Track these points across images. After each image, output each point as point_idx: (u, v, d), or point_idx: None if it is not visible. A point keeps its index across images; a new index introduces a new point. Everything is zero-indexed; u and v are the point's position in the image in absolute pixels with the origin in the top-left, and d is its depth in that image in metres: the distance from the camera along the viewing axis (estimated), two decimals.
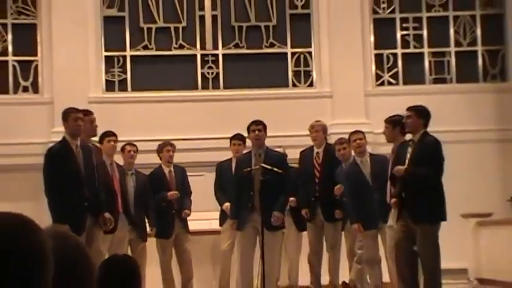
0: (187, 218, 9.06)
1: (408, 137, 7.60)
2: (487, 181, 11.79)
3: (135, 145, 9.04)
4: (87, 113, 7.83)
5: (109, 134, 8.55)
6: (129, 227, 8.50)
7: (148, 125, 11.51)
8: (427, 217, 7.06)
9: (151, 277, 8.76)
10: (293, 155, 9.81)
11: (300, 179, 9.02)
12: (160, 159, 9.22)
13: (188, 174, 9.36)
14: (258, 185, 7.90)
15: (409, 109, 7.39)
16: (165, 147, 9.18)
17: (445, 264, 10.57)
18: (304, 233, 9.26)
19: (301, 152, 9.30)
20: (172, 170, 9.19)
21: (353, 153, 8.65)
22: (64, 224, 6.49)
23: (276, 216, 7.88)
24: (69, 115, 7.37)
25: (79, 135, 7.36)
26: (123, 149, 8.98)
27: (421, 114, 7.32)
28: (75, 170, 7.22)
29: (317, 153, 9.10)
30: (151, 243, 8.97)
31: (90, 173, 7.34)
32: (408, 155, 7.23)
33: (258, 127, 8.07)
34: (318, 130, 9.16)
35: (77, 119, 7.32)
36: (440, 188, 7.20)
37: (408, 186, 7.12)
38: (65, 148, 7.29)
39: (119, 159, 8.84)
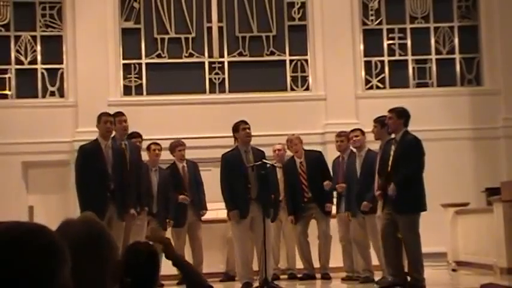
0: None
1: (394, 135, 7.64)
2: (464, 174, 11.90)
3: (159, 144, 9.12)
4: (118, 114, 7.97)
5: (135, 136, 8.64)
6: (149, 217, 8.60)
7: (161, 125, 11.58)
8: (408, 208, 7.13)
9: (167, 263, 8.84)
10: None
11: (288, 188, 9.15)
12: (174, 156, 9.33)
13: None
14: (255, 179, 7.95)
15: (390, 111, 7.46)
16: (178, 147, 9.31)
17: (427, 248, 10.66)
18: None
19: (285, 163, 9.33)
20: (186, 165, 9.32)
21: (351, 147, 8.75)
22: (88, 211, 6.57)
23: (270, 214, 8.15)
24: (101, 118, 7.55)
25: (109, 136, 7.54)
26: (148, 148, 9.06)
27: (401, 115, 7.38)
28: (101, 166, 7.39)
29: (300, 162, 9.20)
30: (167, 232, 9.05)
31: (118, 170, 7.47)
32: (392, 153, 7.31)
33: (248, 126, 8.11)
34: (297, 143, 9.26)
35: (106, 121, 7.51)
36: (420, 181, 7.26)
37: (393, 180, 7.19)
38: (95, 147, 7.47)
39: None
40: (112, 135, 7.65)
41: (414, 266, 7.16)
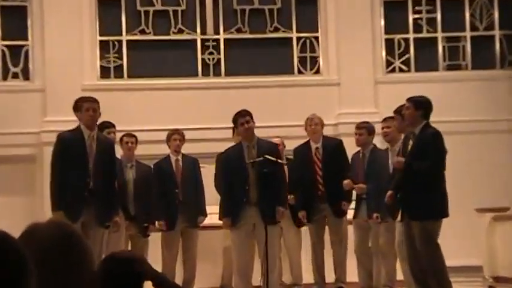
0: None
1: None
2: (503, 174, 11.90)
3: (134, 136, 9.22)
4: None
5: (108, 125, 8.70)
6: (126, 222, 8.66)
7: (145, 114, 11.62)
8: (424, 214, 7.20)
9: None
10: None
11: (298, 179, 9.18)
12: (169, 147, 9.42)
13: None
14: (254, 179, 8.01)
15: (408, 100, 7.52)
16: (173, 136, 9.40)
17: (458, 261, 10.72)
18: (303, 230, 9.45)
19: (296, 149, 9.42)
20: (180, 159, 9.38)
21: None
22: (59, 211, 6.66)
23: (282, 211, 8.14)
24: (83, 105, 7.62)
25: (94, 125, 7.62)
26: (121, 140, 9.17)
27: (419, 105, 7.43)
28: (82, 159, 7.47)
29: (316, 148, 9.23)
30: (156, 239, 9.11)
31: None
32: (409, 148, 7.38)
33: (245, 119, 8.18)
34: (317, 123, 9.29)
35: (89, 109, 7.58)
36: (441, 182, 7.34)
37: (406, 181, 7.28)
38: (77, 136, 7.54)
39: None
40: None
41: (437, 281, 7.22)
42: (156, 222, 9.04)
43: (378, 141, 9.44)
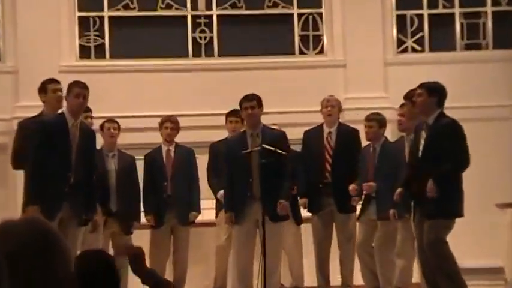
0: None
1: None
2: None
3: (116, 122, 9.19)
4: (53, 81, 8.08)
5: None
6: (104, 218, 8.62)
7: (129, 99, 11.61)
8: (437, 212, 7.20)
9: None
10: (299, 135, 9.87)
11: (304, 163, 9.10)
12: (162, 136, 9.45)
13: None
14: (257, 170, 7.98)
15: (419, 86, 7.49)
16: (164, 123, 9.42)
17: (476, 262, 10.67)
18: (305, 227, 9.36)
19: (305, 132, 9.41)
20: (173, 149, 9.35)
21: None
22: (34, 206, 6.64)
23: (283, 204, 8.08)
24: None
25: (79, 114, 7.64)
26: (102, 127, 9.13)
27: (433, 91, 7.40)
28: (65, 150, 7.43)
29: (329, 133, 9.18)
30: (145, 235, 9.06)
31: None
32: (422, 141, 7.30)
33: (251, 103, 8.18)
34: (334, 105, 9.28)
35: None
36: (458, 180, 7.32)
37: (420, 178, 7.23)
38: (61, 123, 7.49)
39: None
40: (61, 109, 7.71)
41: (452, 284, 7.18)
42: (144, 218, 9.06)
43: (389, 131, 9.38)
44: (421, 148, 7.34)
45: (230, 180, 8.23)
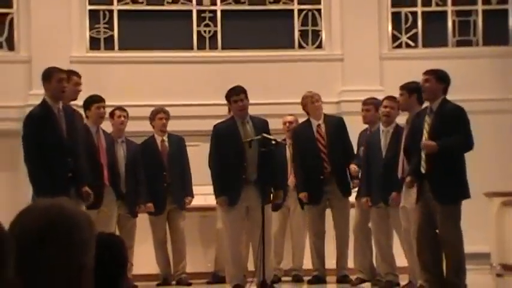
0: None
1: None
2: None
3: (125, 110, 9.23)
4: (72, 74, 7.89)
5: (97, 100, 8.62)
6: (118, 201, 8.62)
7: (136, 88, 11.62)
8: (453, 196, 7.14)
9: (142, 256, 8.93)
10: None
11: (300, 159, 9.15)
12: (153, 127, 9.37)
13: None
14: (253, 157, 8.01)
15: (427, 73, 7.44)
16: (158, 115, 9.40)
17: (466, 247, 10.67)
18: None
19: (295, 129, 9.41)
20: (166, 139, 9.40)
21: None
22: (46, 197, 6.62)
23: (280, 194, 8.25)
24: (53, 75, 7.37)
25: (62, 98, 7.41)
26: (112, 115, 9.15)
27: (441, 78, 7.38)
28: (57, 136, 7.32)
29: (318, 125, 9.21)
30: (143, 220, 9.09)
31: (74, 140, 7.44)
32: (426, 126, 7.26)
33: (239, 97, 8.16)
34: (318, 99, 9.33)
35: (61, 80, 7.34)
36: (464, 160, 7.28)
37: (432, 160, 7.15)
38: (46, 112, 7.35)
39: (105, 126, 8.90)
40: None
41: (454, 269, 7.17)
42: (143, 205, 9.06)
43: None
44: (425, 133, 7.27)
45: (221, 166, 8.17)
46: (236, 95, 8.17)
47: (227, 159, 8.13)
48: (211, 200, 9.47)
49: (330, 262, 9.18)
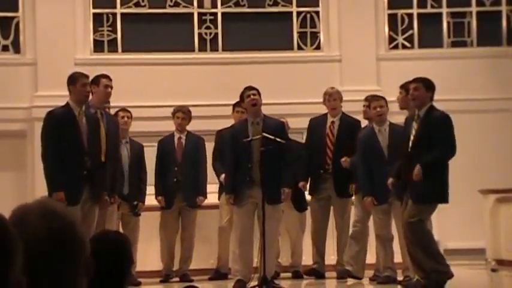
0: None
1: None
2: (509, 154, 11.89)
3: (129, 111, 9.26)
4: (101, 77, 8.16)
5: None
6: (119, 200, 8.63)
7: (140, 90, 11.61)
8: (430, 197, 7.30)
9: (146, 253, 8.95)
10: (298, 124, 9.91)
11: (307, 148, 9.13)
12: (174, 124, 9.59)
13: None
14: (257, 157, 8.02)
15: (416, 80, 7.48)
16: (176, 113, 9.56)
17: (461, 243, 10.71)
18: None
19: (311, 120, 9.42)
20: (184, 137, 9.47)
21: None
22: (59, 192, 6.60)
23: (286, 193, 8.20)
24: (78, 80, 7.58)
25: (85, 102, 7.65)
26: (116, 116, 9.11)
27: (430, 86, 7.50)
28: (74, 136, 7.46)
29: (332, 122, 9.20)
30: (147, 217, 9.10)
31: (95, 142, 7.57)
32: (413, 131, 7.32)
33: (252, 91, 8.21)
34: (336, 98, 9.30)
35: (85, 84, 7.59)
36: (447, 166, 7.37)
37: (411, 165, 7.26)
38: (67, 112, 7.53)
39: None
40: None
41: (429, 257, 7.23)
42: (143, 203, 9.08)
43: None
44: (411, 138, 7.36)
45: (232, 165, 8.24)
46: (249, 90, 8.24)
47: (235, 159, 8.16)
48: (213, 198, 9.52)
49: (330, 259, 9.20)
